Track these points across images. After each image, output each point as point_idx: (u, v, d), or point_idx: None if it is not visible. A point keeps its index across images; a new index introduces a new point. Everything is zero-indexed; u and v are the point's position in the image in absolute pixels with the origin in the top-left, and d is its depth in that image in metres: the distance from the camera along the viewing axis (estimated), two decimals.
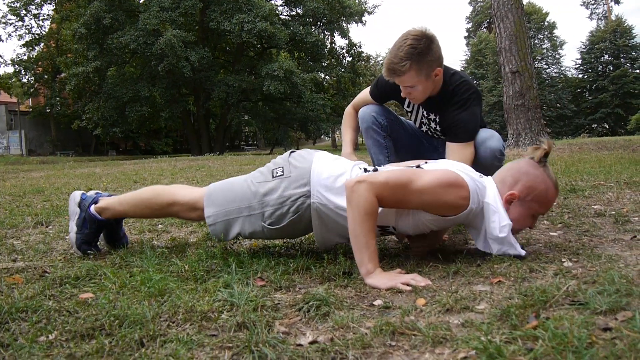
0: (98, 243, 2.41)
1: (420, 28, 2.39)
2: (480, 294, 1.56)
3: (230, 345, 1.25)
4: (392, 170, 1.95)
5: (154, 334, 1.31)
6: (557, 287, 1.54)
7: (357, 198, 1.82)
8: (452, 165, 2.01)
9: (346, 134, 3.00)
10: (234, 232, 2.19)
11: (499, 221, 1.94)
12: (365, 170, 2.12)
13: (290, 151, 2.27)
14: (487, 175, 2.63)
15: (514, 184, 2.01)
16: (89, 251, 2.33)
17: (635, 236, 2.28)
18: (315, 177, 2.08)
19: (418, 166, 2.07)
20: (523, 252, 1.96)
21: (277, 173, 2.16)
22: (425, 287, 1.68)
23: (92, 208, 2.35)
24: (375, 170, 2.10)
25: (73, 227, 2.35)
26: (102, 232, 2.41)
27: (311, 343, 1.26)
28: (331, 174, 2.08)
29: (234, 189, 2.22)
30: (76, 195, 2.41)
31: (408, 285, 1.68)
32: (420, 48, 2.32)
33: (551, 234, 2.47)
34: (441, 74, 2.47)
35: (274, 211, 2.11)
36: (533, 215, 2.05)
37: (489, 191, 1.99)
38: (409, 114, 2.89)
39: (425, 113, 2.74)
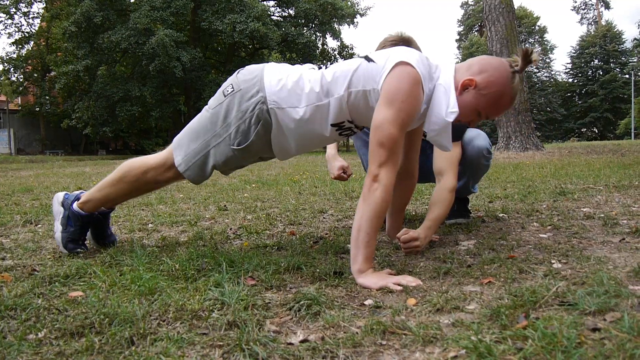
0: (86, 242, 2.39)
1: (396, 33, 2.40)
2: (471, 294, 1.57)
3: (221, 343, 1.25)
4: (379, 150, 1.86)
5: (144, 332, 1.30)
6: (547, 288, 1.55)
7: (374, 199, 1.81)
8: (400, 55, 1.91)
9: None
10: (209, 166, 2.18)
11: (447, 104, 1.90)
12: (319, 67, 2.11)
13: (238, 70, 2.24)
14: (471, 172, 2.64)
15: (478, 73, 1.96)
16: (76, 250, 2.31)
17: (624, 238, 2.30)
18: (267, 83, 2.06)
19: (366, 57, 2.00)
20: (450, 148, 1.98)
21: (227, 91, 2.12)
22: (416, 287, 1.68)
23: (75, 205, 2.34)
24: (320, 67, 2.10)
25: (58, 227, 2.33)
26: (87, 229, 2.39)
27: (302, 342, 1.26)
28: (282, 77, 2.06)
29: (195, 127, 2.20)
30: (59, 195, 2.41)
31: (399, 285, 1.69)
32: None
33: (541, 235, 2.48)
34: None
35: (238, 128, 2.08)
36: (479, 112, 1.99)
37: (444, 74, 1.96)
38: None
39: None
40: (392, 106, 1.83)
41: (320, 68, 2.09)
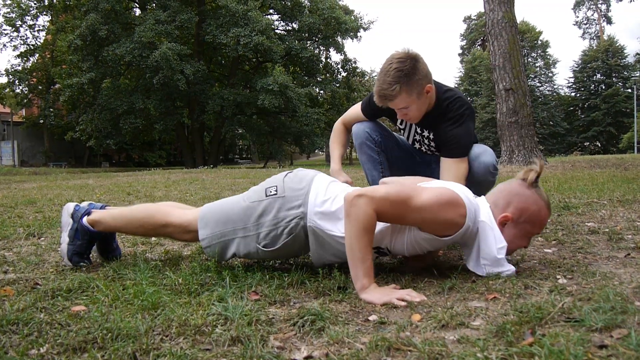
0: (90, 255, 2.39)
1: (403, 49, 2.42)
2: (476, 310, 1.56)
3: (225, 359, 1.24)
4: (392, 185, 1.94)
5: (147, 347, 1.29)
6: (553, 303, 1.54)
7: (356, 211, 1.80)
8: (448, 185, 2.00)
9: (334, 150, 3.01)
10: (230, 253, 2.17)
11: (495, 241, 1.93)
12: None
13: (286, 172, 2.25)
14: (480, 196, 2.64)
15: (507, 206, 2.01)
16: (80, 263, 2.31)
17: (629, 254, 2.29)
18: (312, 200, 2.06)
19: None
20: (513, 269, 1.96)
21: (270, 192, 2.13)
22: (421, 302, 1.67)
23: (85, 219, 2.33)
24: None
25: (65, 238, 2.33)
26: (94, 244, 2.39)
27: (306, 358, 1.25)
28: (327, 199, 2.07)
29: (228, 209, 2.19)
30: (69, 206, 2.40)
31: (403, 300, 1.68)
32: (407, 69, 2.34)
33: (545, 250, 2.47)
34: (432, 90, 2.49)
35: (269, 232, 2.08)
36: (527, 236, 2.05)
37: (483, 210, 1.99)
38: (402, 131, 2.91)
39: (418, 130, 2.75)
40: (439, 203, 1.86)
41: None
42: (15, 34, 33.11)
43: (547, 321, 1.41)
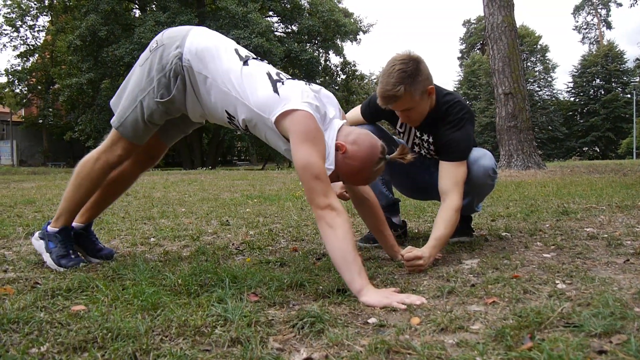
0: (79, 255, 2.41)
1: (405, 52, 2.43)
2: (475, 314, 1.56)
3: None
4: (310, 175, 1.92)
5: (147, 347, 1.30)
6: (552, 308, 1.54)
7: (340, 223, 1.85)
8: (299, 103, 1.99)
9: None
10: (140, 121, 2.23)
11: (326, 158, 1.99)
12: (237, 51, 2.21)
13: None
14: (476, 192, 2.64)
15: (351, 143, 2.06)
16: (71, 262, 2.31)
17: (628, 259, 2.29)
18: (188, 42, 2.15)
19: (275, 82, 2.07)
20: None
21: (152, 47, 2.23)
22: (420, 306, 1.68)
23: (49, 227, 2.40)
24: (242, 59, 2.17)
25: (45, 255, 2.37)
26: (71, 242, 2.40)
27: None
28: (203, 44, 2.15)
29: (126, 85, 2.30)
30: (35, 235, 2.46)
31: (403, 303, 1.68)
32: (410, 70, 2.35)
33: (544, 255, 2.47)
34: (434, 92, 2.51)
35: (159, 81, 2.16)
36: (338, 174, 2.09)
37: (330, 131, 2.07)
38: (401, 135, 2.91)
39: (418, 133, 2.76)
40: (310, 143, 1.92)
41: (242, 59, 2.17)
42: (15, 34, 33.06)
43: (546, 326, 1.42)
